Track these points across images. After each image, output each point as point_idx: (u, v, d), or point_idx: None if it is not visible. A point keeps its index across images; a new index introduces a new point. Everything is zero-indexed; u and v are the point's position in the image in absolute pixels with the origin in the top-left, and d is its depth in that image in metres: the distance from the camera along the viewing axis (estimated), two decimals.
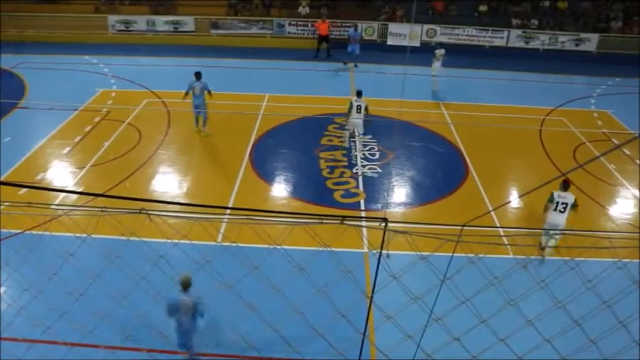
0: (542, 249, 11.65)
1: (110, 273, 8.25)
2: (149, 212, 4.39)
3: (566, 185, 11.87)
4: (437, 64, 22.79)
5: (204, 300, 8.09)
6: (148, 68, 25.17)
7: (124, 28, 30.32)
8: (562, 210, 11.59)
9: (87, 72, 24.35)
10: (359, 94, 16.85)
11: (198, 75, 17.43)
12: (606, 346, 6.34)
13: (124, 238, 7.37)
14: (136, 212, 4.36)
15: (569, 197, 11.66)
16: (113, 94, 21.66)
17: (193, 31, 30.23)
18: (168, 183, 15.23)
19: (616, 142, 18.12)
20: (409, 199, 14.75)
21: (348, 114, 16.89)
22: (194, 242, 6.48)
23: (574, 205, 11.67)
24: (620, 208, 14.85)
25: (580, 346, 6.43)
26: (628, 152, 17.87)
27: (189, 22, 30.13)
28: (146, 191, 14.66)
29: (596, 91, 23.79)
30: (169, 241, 6.80)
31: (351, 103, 16.73)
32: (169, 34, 30.26)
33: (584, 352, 6.55)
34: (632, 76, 25.50)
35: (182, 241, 7.68)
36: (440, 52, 22.82)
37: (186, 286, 8.09)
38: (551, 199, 11.76)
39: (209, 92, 17.42)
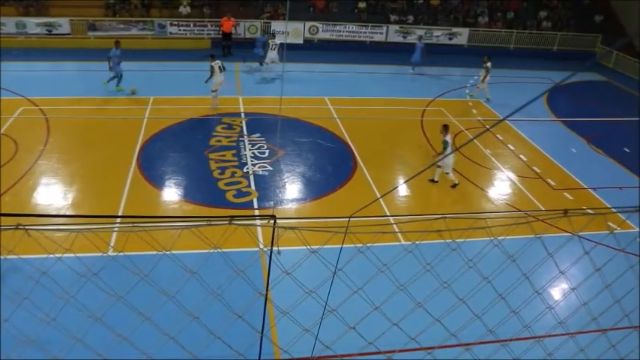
0: (435, 181, 15.68)
1: None
2: (27, 227, 4.15)
3: (448, 128, 15.38)
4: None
5: None
6: (20, 74, 23.51)
7: None
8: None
9: None
10: (213, 56, 20.09)
11: (117, 44, 21.63)
12: (489, 319, 6.80)
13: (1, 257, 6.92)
14: (12, 228, 4.11)
15: (449, 137, 15.27)
16: None
17: (69, 34, 28.58)
18: (51, 195, 14.35)
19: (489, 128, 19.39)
20: (300, 195, 14.95)
21: (210, 77, 19.76)
22: (79, 255, 6.19)
23: None
24: (497, 190, 15.94)
25: (467, 321, 6.85)
26: (500, 137, 19.19)
27: (63, 24, 28.45)
28: (28, 205, 13.75)
29: (469, 81, 25.29)
30: (51, 256, 6.44)
31: (212, 66, 19.59)
32: (42, 36, 28.41)
33: (471, 326, 6.99)
34: (500, 67, 27.40)
35: (66, 255, 7.29)
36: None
37: None
38: (446, 146, 14.94)
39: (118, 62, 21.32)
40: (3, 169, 15.28)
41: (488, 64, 22.29)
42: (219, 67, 19.75)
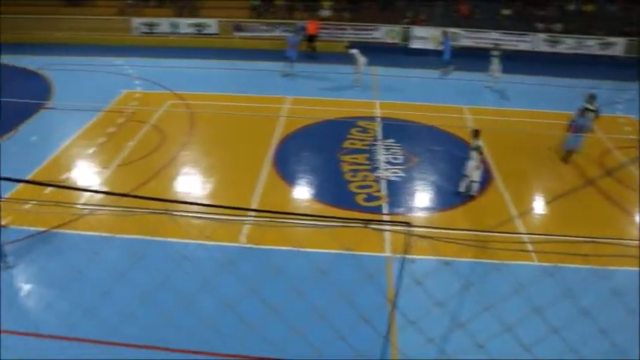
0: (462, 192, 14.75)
1: (134, 272, 8.32)
2: (174, 213, 4.42)
3: (479, 133, 14.62)
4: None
5: None
6: (171, 70, 25.41)
7: (148, 31, 30.64)
8: None
9: (111, 73, 24.65)
10: (351, 47, 24.16)
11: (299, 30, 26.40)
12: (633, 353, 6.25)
13: (148, 238, 7.46)
14: (161, 213, 4.39)
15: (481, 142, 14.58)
16: (137, 96, 21.89)
17: (217, 34, 30.44)
18: (191, 184, 15.34)
19: None
20: (432, 204, 14.65)
21: (357, 62, 23.02)
22: (218, 243, 6.51)
23: None
24: None
25: (606, 354, 6.35)
26: None
27: (212, 24, 30.35)
28: (169, 192, 14.78)
29: (622, 96, 23.36)
30: (193, 241, 6.84)
31: (354, 53, 22.97)
32: (193, 36, 30.51)
33: None
34: None
35: (205, 242, 7.71)
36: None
37: None
38: (481, 151, 14.46)
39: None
40: (150, 157, 16.53)
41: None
42: (358, 52, 22.96)
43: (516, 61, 27.70)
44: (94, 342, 9.00)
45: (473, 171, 14.48)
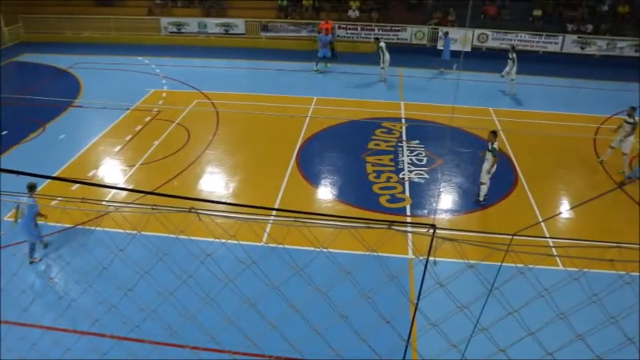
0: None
1: (158, 270, 8.38)
2: (199, 211, 4.43)
3: (496, 134, 14.30)
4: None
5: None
6: (198, 69, 25.64)
7: (176, 30, 30.98)
8: None
9: (139, 72, 24.98)
10: (378, 39, 24.31)
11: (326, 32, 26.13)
12: None
13: (173, 236, 7.50)
14: (186, 211, 4.41)
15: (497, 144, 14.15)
16: (164, 95, 22.13)
17: (244, 34, 30.64)
18: (215, 183, 15.45)
19: None
20: (456, 206, 14.52)
21: (382, 56, 23.41)
22: (241, 242, 6.54)
23: None
24: None
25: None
26: None
27: (239, 24, 30.56)
28: (194, 190, 14.91)
29: None
30: (217, 240, 6.88)
31: (381, 47, 23.35)
32: (220, 36, 30.77)
33: None
34: None
35: (228, 241, 7.76)
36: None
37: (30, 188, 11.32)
38: (495, 153, 13.83)
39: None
40: (175, 155, 16.67)
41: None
42: (385, 46, 23.24)
43: (544, 63, 27.37)
44: (116, 338, 9.10)
45: (483, 173, 14.25)
